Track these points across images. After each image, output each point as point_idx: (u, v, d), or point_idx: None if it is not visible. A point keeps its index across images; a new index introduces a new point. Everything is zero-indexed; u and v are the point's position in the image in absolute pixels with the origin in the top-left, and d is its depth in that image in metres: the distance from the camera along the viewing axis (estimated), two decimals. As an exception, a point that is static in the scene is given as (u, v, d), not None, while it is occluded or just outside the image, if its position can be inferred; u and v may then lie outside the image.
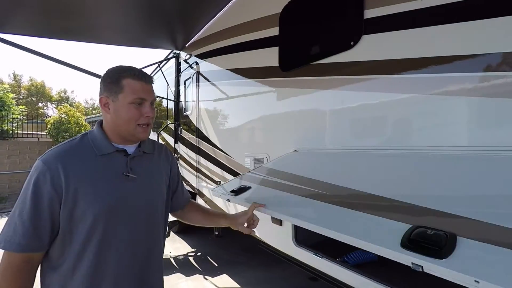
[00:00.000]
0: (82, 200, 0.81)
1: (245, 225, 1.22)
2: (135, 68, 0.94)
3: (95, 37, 3.59)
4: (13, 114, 10.13)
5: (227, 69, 3.06)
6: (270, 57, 2.31)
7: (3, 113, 9.82)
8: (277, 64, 2.21)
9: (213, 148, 3.29)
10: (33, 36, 3.23)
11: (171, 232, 3.64)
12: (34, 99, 27.12)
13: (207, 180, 3.43)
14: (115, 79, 0.89)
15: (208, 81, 3.49)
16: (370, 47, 1.55)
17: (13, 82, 26.23)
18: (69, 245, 0.83)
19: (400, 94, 1.41)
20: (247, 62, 2.66)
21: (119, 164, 0.90)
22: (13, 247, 0.76)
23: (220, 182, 3.10)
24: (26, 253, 0.78)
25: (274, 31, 2.25)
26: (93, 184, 0.84)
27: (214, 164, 3.25)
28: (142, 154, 0.97)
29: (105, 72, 0.93)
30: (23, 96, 26.36)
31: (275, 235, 2.29)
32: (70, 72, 59.63)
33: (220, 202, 3.11)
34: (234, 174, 2.82)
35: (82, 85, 60.19)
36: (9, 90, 10.61)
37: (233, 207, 2.83)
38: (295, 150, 2.02)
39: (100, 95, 0.91)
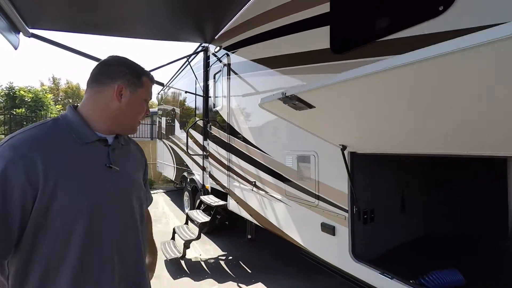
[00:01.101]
0: (62, 193, 0.70)
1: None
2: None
3: (122, 30, 3.49)
4: (50, 113, 10.73)
5: (262, 59, 2.78)
6: (317, 39, 1.98)
7: (42, 112, 10.41)
8: (328, 47, 1.88)
9: (246, 146, 3.04)
10: (63, 31, 3.18)
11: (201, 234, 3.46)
12: (70, 100, 28.96)
13: (240, 179, 3.19)
14: (137, 74, 0.88)
15: (241, 73, 3.24)
16: (468, 10, 1.18)
17: (52, 85, 28.21)
18: (42, 246, 0.70)
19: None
20: (287, 48, 2.35)
21: (100, 154, 0.83)
22: None
23: (255, 182, 2.84)
24: None
25: (323, 8, 1.92)
26: (76, 176, 0.74)
27: (248, 163, 3.00)
28: (121, 147, 0.91)
29: (113, 60, 0.88)
30: (61, 98, 28.26)
31: (325, 245, 1.97)
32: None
33: (254, 202, 2.85)
34: (272, 173, 2.54)
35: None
36: (47, 91, 11.23)
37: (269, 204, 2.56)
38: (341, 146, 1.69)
39: (112, 82, 0.84)
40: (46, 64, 55.61)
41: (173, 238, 3.73)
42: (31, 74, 51.28)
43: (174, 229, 3.74)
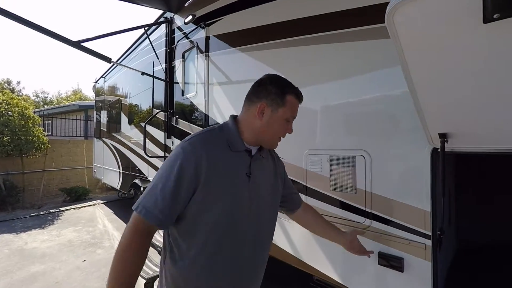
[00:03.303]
0: (212, 190, 0.82)
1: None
2: (295, 86, 0.96)
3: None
4: None
5: (260, 27, 2.07)
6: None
7: None
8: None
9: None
10: None
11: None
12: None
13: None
14: (280, 92, 0.91)
15: (226, 49, 2.46)
16: None
17: None
18: (192, 231, 0.83)
19: None
20: (309, 8, 1.70)
21: (244, 163, 0.90)
22: (150, 218, 0.77)
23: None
24: (155, 226, 0.79)
25: None
26: (224, 178, 0.84)
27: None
28: (261, 158, 0.97)
29: (266, 78, 0.95)
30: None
31: (384, 285, 1.37)
32: (16, 59, 52.37)
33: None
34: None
35: (32, 75, 53.00)
36: None
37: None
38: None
39: (258, 100, 0.91)
40: None
41: (125, 273, 2.67)
42: None
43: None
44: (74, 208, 6.50)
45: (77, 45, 2.41)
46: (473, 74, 0.72)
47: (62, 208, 6.44)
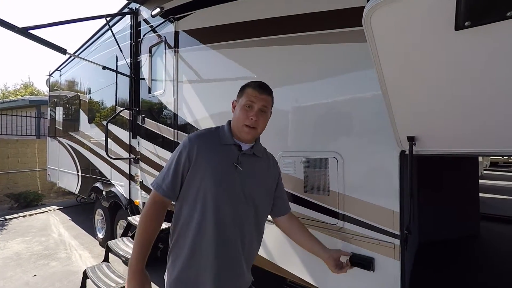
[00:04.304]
0: (200, 173, 1.03)
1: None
2: (262, 82, 1.13)
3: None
4: None
5: (235, 24, 2.01)
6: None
7: None
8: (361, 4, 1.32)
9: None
10: None
11: None
12: None
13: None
14: (243, 87, 1.13)
15: (197, 45, 2.35)
16: None
17: None
18: (185, 204, 1.05)
19: None
20: (283, 7, 1.68)
21: (232, 155, 1.09)
22: (159, 190, 1.04)
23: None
24: (164, 197, 1.04)
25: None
26: (211, 165, 1.04)
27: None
28: (252, 154, 1.13)
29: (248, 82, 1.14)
30: None
31: (356, 285, 1.40)
32: (-50, 48, 45.65)
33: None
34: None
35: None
36: None
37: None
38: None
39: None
40: None
41: None
42: None
43: (85, 273, 2.44)
44: (23, 216, 5.80)
45: (24, 32, 2.11)
46: (444, 80, 0.74)
47: (8, 216, 5.71)
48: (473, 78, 0.69)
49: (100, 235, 4.09)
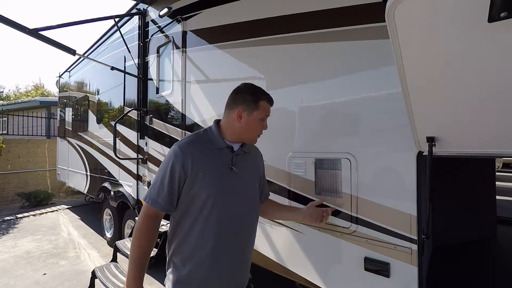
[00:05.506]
0: (199, 182, 1.01)
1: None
2: (267, 93, 1.14)
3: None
4: None
5: (243, 23, 1.98)
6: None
7: None
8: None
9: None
10: None
11: None
12: None
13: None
14: (255, 99, 1.09)
15: (205, 45, 2.33)
16: None
17: None
18: (186, 214, 1.03)
19: None
20: (294, 5, 1.64)
21: (227, 158, 1.09)
22: (155, 205, 1.00)
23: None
24: (160, 211, 1.02)
25: None
26: (208, 171, 1.03)
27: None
28: (243, 153, 1.15)
29: (242, 87, 1.13)
30: None
31: (370, 292, 1.34)
32: (-35, 51, 47.03)
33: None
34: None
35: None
36: None
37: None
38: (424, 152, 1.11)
39: (236, 106, 1.10)
40: None
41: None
42: None
43: (94, 272, 2.45)
44: (34, 215, 5.90)
45: (34, 33, 2.13)
46: (474, 77, 0.69)
47: (19, 215, 5.82)
48: (508, 75, 0.64)
49: (108, 235, 4.12)
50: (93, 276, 2.45)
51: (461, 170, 2.33)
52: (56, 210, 6.30)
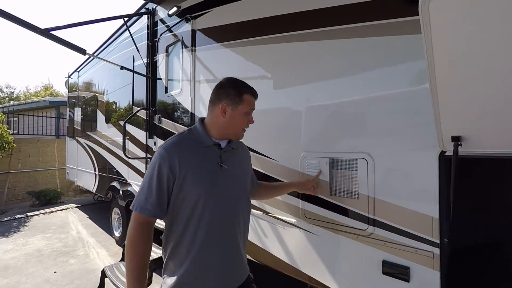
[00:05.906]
0: (188, 182, 0.98)
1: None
2: (250, 86, 1.14)
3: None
4: None
5: (253, 21, 1.94)
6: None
7: None
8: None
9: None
10: None
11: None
12: None
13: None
14: (238, 93, 1.08)
15: (213, 43, 2.31)
16: None
17: None
18: (177, 216, 1.01)
19: None
20: (308, 1, 1.60)
21: (215, 155, 1.08)
22: (144, 212, 0.96)
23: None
24: (150, 217, 0.98)
25: None
26: (196, 171, 1.01)
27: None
28: (231, 149, 1.14)
29: (225, 82, 1.13)
30: None
31: (388, 296, 1.30)
32: (-23, 52, 48.19)
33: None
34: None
35: (-5, 70, 48.72)
36: None
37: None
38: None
39: (219, 102, 1.09)
40: None
41: (101, 287, 2.44)
42: None
43: (104, 271, 2.45)
44: (44, 213, 5.99)
45: (45, 33, 2.14)
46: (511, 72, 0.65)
47: (29, 213, 5.91)
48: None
49: (117, 234, 4.14)
50: (103, 275, 2.45)
51: (477, 170, 2.25)
52: (65, 209, 6.38)
